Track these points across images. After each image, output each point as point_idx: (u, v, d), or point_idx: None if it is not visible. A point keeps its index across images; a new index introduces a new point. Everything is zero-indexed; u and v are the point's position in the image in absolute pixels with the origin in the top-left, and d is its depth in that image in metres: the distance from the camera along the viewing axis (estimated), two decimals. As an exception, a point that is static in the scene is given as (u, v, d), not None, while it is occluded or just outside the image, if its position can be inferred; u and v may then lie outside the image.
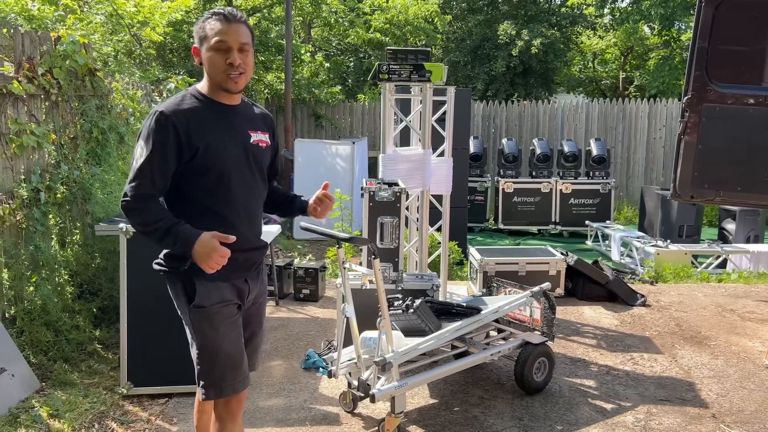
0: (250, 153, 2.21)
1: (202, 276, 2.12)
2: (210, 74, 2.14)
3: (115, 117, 5.01)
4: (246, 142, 2.20)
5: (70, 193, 4.41)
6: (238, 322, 2.24)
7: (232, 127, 2.18)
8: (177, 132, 2.06)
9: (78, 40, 4.48)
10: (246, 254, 2.22)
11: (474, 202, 9.32)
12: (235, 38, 2.10)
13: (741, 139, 5.19)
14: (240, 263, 2.21)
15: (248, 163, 2.20)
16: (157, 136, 2.06)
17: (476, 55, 16.31)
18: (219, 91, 2.16)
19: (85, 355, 4.01)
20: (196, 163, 2.09)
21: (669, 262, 6.39)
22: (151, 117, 2.09)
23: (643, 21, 15.84)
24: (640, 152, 11.38)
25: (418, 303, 3.34)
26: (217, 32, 2.09)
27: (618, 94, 17.70)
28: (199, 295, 2.14)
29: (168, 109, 2.08)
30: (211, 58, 2.11)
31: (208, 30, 2.10)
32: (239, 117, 2.22)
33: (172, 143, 2.06)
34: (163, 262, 2.22)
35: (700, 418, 3.35)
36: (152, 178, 2.07)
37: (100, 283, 4.52)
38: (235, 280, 2.22)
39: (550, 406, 3.45)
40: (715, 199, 5.56)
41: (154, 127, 2.06)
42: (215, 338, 2.16)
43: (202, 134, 2.09)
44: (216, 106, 2.16)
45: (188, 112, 2.10)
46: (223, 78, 2.11)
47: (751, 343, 4.45)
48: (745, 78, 5.20)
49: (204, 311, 2.15)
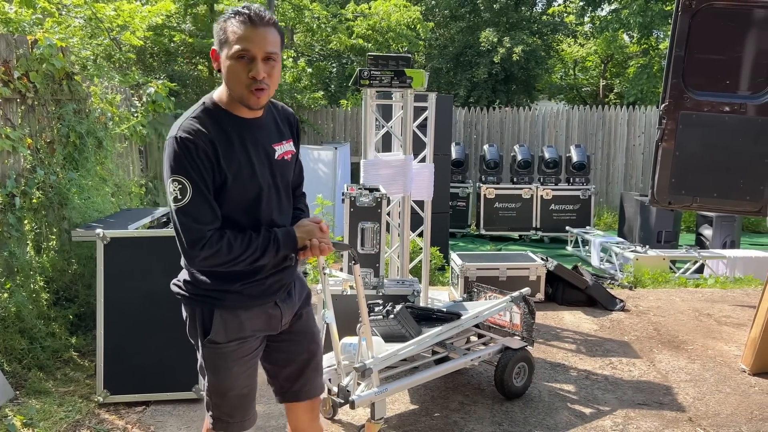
0: (277, 171, 1.97)
1: (221, 305, 1.93)
2: (229, 86, 1.85)
3: (94, 121, 4.96)
4: (271, 160, 1.95)
5: (46, 198, 4.35)
6: (255, 359, 2.04)
7: (257, 144, 1.92)
8: (207, 156, 1.79)
9: (55, 43, 4.43)
10: (274, 277, 2.00)
11: (456, 207, 9.36)
12: (261, 46, 1.78)
13: (717, 146, 5.27)
14: (267, 287, 1.98)
15: (275, 183, 1.97)
16: (190, 165, 1.78)
17: (458, 62, 16.42)
18: (236, 103, 1.89)
19: (60, 362, 3.94)
20: (226, 191, 1.85)
21: (647, 267, 6.46)
22: (173, 146, 1.79)
23: (623, 30, 16.07)
24: (619, 159, 11.51)
25: (398, 308, 3.33)
26: (240, 38, 1.77)
27: (598, 102, 17.91)
28: (215, 330, 1.93)
29: (189, 133, 1.79)
30: (231, 68, 1.81)
31: (230, 33, 1.79)
32: (263, 131, 1.95)
33: (207, 171, 1.80)
34: (182, 286, 1.99)
35: (677, 421, 3.38)
36: (210, 209, 1.82)
37: (76, 289, 4.45)
38: (263, 307, 2.00)
39: (530, 411, 3.47)
40: (692, 205, 5.64)
41: (183, 156, 1.78)
42: (227, 377, 1.98)
43: (230, 158, 1.84)
44: (237, 122, 1.89)
45: (212, 133, 1.82)
46: (243, 93, 1.83)
47: (727, 347, 4.51)
48: (721, 86, 5.28)
49: (218, 348, 1.95)
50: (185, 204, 1.79)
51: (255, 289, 1.95)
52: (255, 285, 1.95)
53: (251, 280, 1.95)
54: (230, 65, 1.81)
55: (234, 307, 1.94)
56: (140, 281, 3.53)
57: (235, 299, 1.94)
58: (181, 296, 2.00)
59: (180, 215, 1.80)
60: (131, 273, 3.54)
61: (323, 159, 8.49)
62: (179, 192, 1.79)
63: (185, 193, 1.78)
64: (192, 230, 1.80)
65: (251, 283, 1.95)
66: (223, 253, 1.82)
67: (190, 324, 2.01)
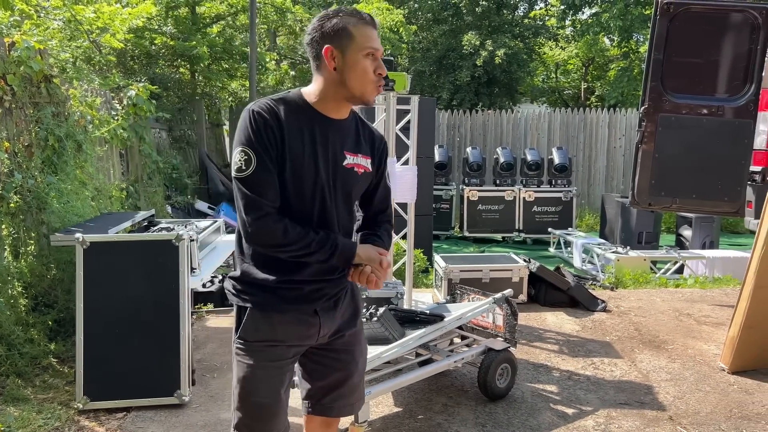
0: (340, 177, 1.92)
1: (255, 303, 1.90)
2: (354, 83, 1.86)
3: (73, 125, 4.90)
4: (337, 163, 1.91)
5: (24, 202, 4.29)
6: (285, 369, 1.95)
7: (327, 142, 1.89)
8: (275, 136, 1.81)
9: (33, 45, 4.37)
10: (315, 285, 1.93)
11: (439, 210, 9.39)
12: (380, 46, 1.90)
13: (696, 148, 5.35)
14: (305, 294, 1.92)
15: (333, 186, 1.91)
16: (257, 138, 1.80)
17: (441, 65, 16.48)
18: (334, 102, 1.90)
19: (39, 369, 3.88)
20: (284, 176, 1.84)
21: (629, 268, 6.53)
22: (245, 118, 1.83)
23: (603, 33, 16.26)
24: (600, 161, 11.62)
25: (381, 311, 3.33)
26: (369, 37, 1.86)
27: (580, 104, 18.08)
28: (245, 327, 1.91)
29: (262, 108, 1.83)
30: (361, 65, 1.85)
31: (354, 32, 1.85)
32: (340, 133, 1.93)
33: (273, 149, 1.81)
34: (229, 284, 1.99)
35: (658, 420, 3.41)
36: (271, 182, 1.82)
37: (55, 294, 4.39)
38: (298, 314, 1.93)
39: (513, 411, 3.48)
40: (672, 207, 5.72)
41: (252, 128, 1.81)
42: (251, 379, 1.91)
43: (294, 144, 1.83)
44: (317, 117, 1.89)
45: (283, 115, 1.84)
46: (369, 89, 1.87)
47: (706, 346, 4.57)
48: (698, 89, 5.36)
49: (246, 345, 1.91)
50: (248, 174, 1.80)
51: (291, 292, 1.90)
52: (292, 288, 1.90)
53: (289, 280, 1.90)
54: (361, 62, 1.85)
55: (266, 307, 1.90)
56: (121, 286, 3.49)
57: (269, 299, 1.90)
58: (227, 291, 1.98)
59: (241, 184, 1.81)
60: (111, 278, 3.50)
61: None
62: (244, 163, 1.80)
63: (250, 164, 1.80)
64: (252, 201, 1.80)
65: (288, 284, 1.90)
66: (279, 234, 1.81)
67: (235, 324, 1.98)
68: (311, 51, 1.91)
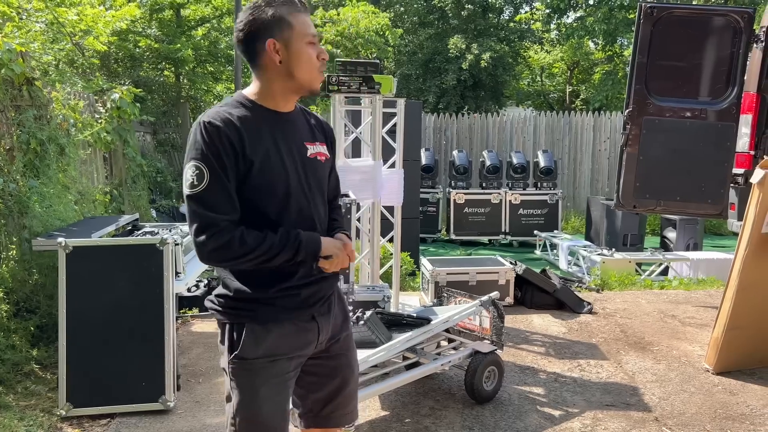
0: (308, 168, 1.88)
1: (253, 318, 1.80)
2: (301, 73, 1.81)
3: (55, 128, 4.84)
4: (303, 155, 1.87)
5: (5, 206, 4.22)
6: (287, 385, 1.87)
7: (287, 138, 1.85)
8: (231, 144, 1.73)
9: (15, 48, 4.32)
10: (310, 288, 1.86)
11: (426, 213, 9.40)
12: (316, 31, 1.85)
13: (679, 151, 5.40)
14: (302, 300, 1.85)
15: (306, 181, 1.87)
16: (211, 151, 1.71)
17: (427, 69, 16.53)
18: (282, 96, 1.85)
19: (21, 375, 3.82)
20: (251, 182, 1.76)
21: (614, 270, 6.57)
22: (196, 131, 1.74)
23: (588, 37, 16.38)
24: (586, 163, 11.70)
25: (368, 315, 3.32)
26: (307, 23, 1.80)
27: (565, 107, 18.18)
28: (245, 345, 1.79)
29: (215, 118, 1.74)
30: (306, 53, 1.80)
31: (292, 20, 1.79)
32: (295, 126, 1.90)
33: (229, 158, 1.72)
34: (215, 300, 1.87)
35: (644, 421, 3.43)
36: (226, 198, 1.73)
37: (38, 300, 4.33)
38: (296, 320, 1.85)
39: (500, 414, 3.48)
40: (656, 209, 5.77)
41: (205, 141, 1.72)
42: (254, 400, 1.80)
43: (257, 146, 1.76)
44: (269, 114, 1.84)
45: (238, 120, 1.76)
46: (314, 76, 1.83)
47: (691, 347, 4.60)
48: (682, 92, 5.42)
49: (246, 364, 1.80)
50: (201, 190, 1.72)
51: (290, 300, 1.82)
52: (290, 296, 1.82)
53: (286, 287, 1.82)
54: (305, 51, 1.80)
55: (266, 320, 1.81)
56: (104, 291, 3.45)
57: (268, 311, 1.81)
58: (214, 311, 1.87)
59: (193, 202, 1.73)
60: (95, 283, 3.46)
61: (293, 165, 8.44)
62: (196, 178, 1.72)
63: (202, 178, 1.71)
64: (203, 217, 1.72)
65: (286, 291, 1.82)
66: (235, 245, 1.71)
67: (220, 342, 1.86)
68: (246, 47, 1.82)
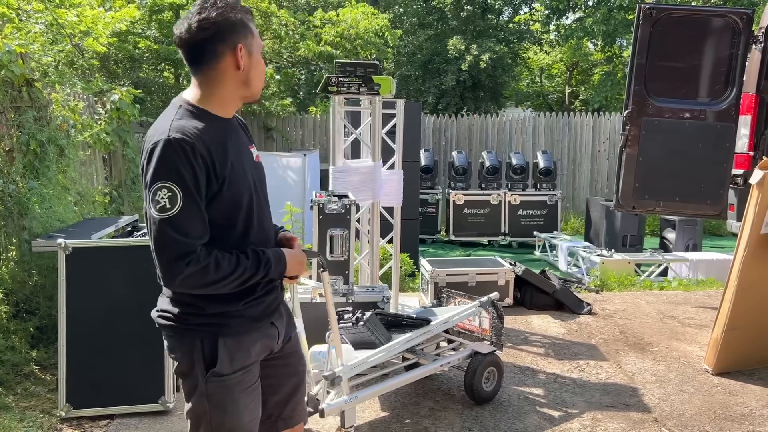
0: (258, 173, 1.87)
1: (225, 332, 1.75)
2: (256, 82, 1.79)
3: (55, 129, 4.84)
4: (251, 161, 1.85)
5: (5, 207, 4.23)
6: (258, 388, 1.87)
7: (239, 145, 1.80)
8: (204, 160, 1.64)
9: (14, 49, 4.32)
10: (272, 294, 1.88)
11: (426, 214, 9.39)
12: None
13: (678, 152, 5.41)
14: (265, 307, 1.85)
15: (261, 187, 1.86)
16: (186, 170, 1.61)
17: (427, 69, 16.53)
18: (232, 103, 1.79)
19: (21, 377, 3.82)
20: (220, 198, 1.70)
21: (613, 270, 6.57)
22: (162, 149, 1.61)
23: (587, 38, 16.39)
24: (585, 164, 11.70)
25: (368, 316, 3.32)
26: (257, 33, 1.78)
27: (564, 108, 18.20)
28: (221, 361, 1.74)
29: (185, 134, 1.63)
30: (260, 62, 1.78)
31: (252, 27, 1.76)
32: (238, 131, 1.85)
33: (202, 177, 1.64)
34: (174, 316, 1.77)
35: (643, 422, 3.43)
36: (201, 220, 1.66)
37: (37, 301, 4.33)
38: (262, 328, 1.85)
39: (500, 415, 3.48)
40: (656, 209, 5.78)
41: (179, 159, 1.61)
42: (235, 412, 1.78)
43: (225, 160, 1.70)
44: (221, 123, 1.76)
45: (203, 133, 1.67)
46: (260, 84, 1.82)
47: (690, 348, 4.60)
48: (681, 93, 5.43)
49: (223, 381, 1.75)
50: (174, 214, 1.61)
51: (256, 309, 1.81)
52: (256, 305, 1.81)
53: (252, 298, 1.80)
54: (260, 60, 1.79)
55: (239, 333, 1.77)
56: (104, 292, 3.45)
57: (240, 323, 1.78)
58: (172, 328, 1.78)
59: (165, 226, 1.62)
60: (94, 284, 3.46)
61: (292, 166, 8.44)
62: (168, 200, 1.60)
63: (175, 201, 1.60)
64: (179, 244, 1.62)
65: (253, 302, 1.81)
66: (211, 271, 1.65)
67: (183, 360, 1.78)
68: (203, 47, 1.70)
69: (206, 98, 1.75)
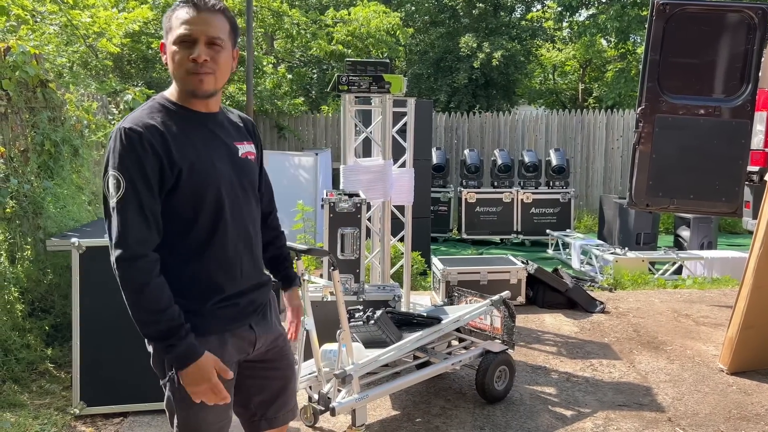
0: (241, 169, 1.83)
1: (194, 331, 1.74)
2: (174, 75, 1.75)
3: (69, 129, 4.89)
4: (233, 157, 1.82)
5: (20, 207, 4.27)
6: (231, 391, 1.84)
7: (215, 138, 1.79)
8: (155, 151, 1.66)
9: (29, 50, 4.36)
10: (249, 296, 1.85)
11: (437, 212, 9.38)
12: (203, 29, 1.70)
13: (692, 149, 5.35)
14: (241, 309, 1.83)
15: (240, 183, 1.82)
16: (131, 159, 1.64)
17: (439, 68, 16.50)
18: (189, 96, 1.78)
19: (36, 374, 3.87)
20: (181, 190, 1.70)
21: (627, 269, 6.52)
22: (115, 138, 1.66)
23: (600, 34, 16.28)
24: (598, 162, 11.63)
25: (378, 314, 3.32)
26: (183, 22, 1.70)
27: (577, 106, 18.10)
28: None
29: (136, 124, 1.67)
30: (174, 53, 1.72)
31: (174, 20, 1.73)
32: (222, 126, 1.84)
33: (152, 166, 1.65)
34: None
35: (657, 422, 3.40)
36: (142, 216, 1.65)
37: (52, 300, 4.38)
38: (235, 330, 1.82)
39: (511, 414, 3.47)
40: (670, 207, 5.72)
41: (124, 149, 1.64)
42: (199, 412, 1.77)
43: (184, 150, 1.70)
44: (191, 116, 1.77)
45: (162, 124, 1.70)
46: (185, 78, 1.72)
47: (705, 347, 4.56)
48: (695, 89, 5.37)
49: None
50: (117, 202, 1.65)
51: (229, 310, 1.79)
52: (229, 306, 1.79)
53: (224, 298, 1.79)
54: (173, 51, 1.72)
55: (206, 332, 1.75)
56: (117, 291, 3.40)
57: (208, 324, 1.76)
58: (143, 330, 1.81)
59: (113, 213, 1.66)
60: (108, 282, 3.43)
61: (304, 165, 8.47)
62: (113, 188, 1.65)
63: (118, 189, 1.64)
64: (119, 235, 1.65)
65: (225, 302, 1.79)
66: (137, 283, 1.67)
67: (154, 355, 1.83)
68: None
69: (175, 93, 1.80)
